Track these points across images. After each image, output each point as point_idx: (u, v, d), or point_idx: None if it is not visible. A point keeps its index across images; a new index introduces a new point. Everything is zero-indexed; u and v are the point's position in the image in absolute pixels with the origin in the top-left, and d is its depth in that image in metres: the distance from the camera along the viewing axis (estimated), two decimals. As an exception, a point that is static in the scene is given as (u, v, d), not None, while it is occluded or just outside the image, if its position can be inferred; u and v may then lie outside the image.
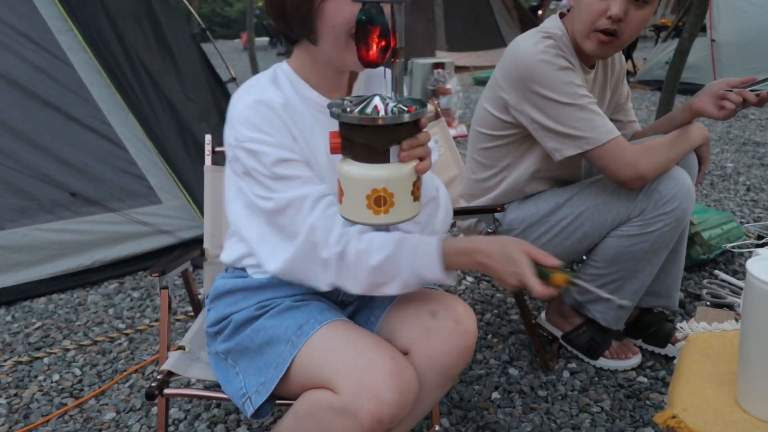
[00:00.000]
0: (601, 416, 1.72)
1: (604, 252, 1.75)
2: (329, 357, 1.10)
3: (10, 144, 2.51)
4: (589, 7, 1.60)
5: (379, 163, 1.00)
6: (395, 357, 1.09)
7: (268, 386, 1.15)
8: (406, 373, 1.08)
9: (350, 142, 1.00)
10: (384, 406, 1.02)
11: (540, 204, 1.81)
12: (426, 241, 1.14)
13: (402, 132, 0.99)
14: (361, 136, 0.98)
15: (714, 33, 6.61)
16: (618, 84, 1.93)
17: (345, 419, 1.04)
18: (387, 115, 0.97)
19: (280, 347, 1.16)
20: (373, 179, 0.99)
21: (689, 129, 1.72)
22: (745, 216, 3.22)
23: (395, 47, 0.98)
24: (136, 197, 2.71)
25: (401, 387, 1.05)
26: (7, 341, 2.21)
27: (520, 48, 1.66)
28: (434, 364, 1.17)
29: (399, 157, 1.00)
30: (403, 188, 1.01)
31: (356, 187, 1.01)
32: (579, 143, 1.62)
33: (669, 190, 1.63)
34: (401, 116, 0.97)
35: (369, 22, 0.95)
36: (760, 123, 5.54)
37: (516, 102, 1.67)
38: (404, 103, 1.01)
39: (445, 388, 1.24)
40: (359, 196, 1.00)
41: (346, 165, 1.01)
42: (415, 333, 1.19)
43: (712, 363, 1.05)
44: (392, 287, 1.15)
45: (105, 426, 1.75)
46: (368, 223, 1.02)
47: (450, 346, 1.16)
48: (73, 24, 2.62)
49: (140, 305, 2.45)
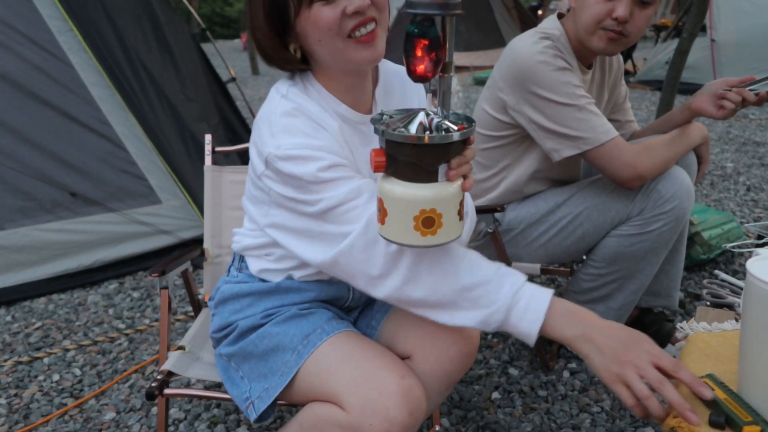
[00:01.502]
0: (601, 416, 1.72)
1: (603, 252, 1.75)
2: (337, 371, 1.07)
3: (10, 144, 2.51)
4: (595, 8, 1.60)
5: (426, 182, 0.95)
6: (405, 376, 1.06)
7: (272, 393, 1.14)
8: (416, 392, 1.05)
9: (396, 160, 0.94)
10: (393, 427, 1.00)
11: (539, 204, 1.81)
12: (537, 289, 1.03)
13: (452, 150, 0.95)
14: (409, 155, 0.93)
15: (714, 33, 6.61)
16: (616, 84, 1.93)
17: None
18: (438, 134, 0.92)
19: (285, 356, 1.14)
20: (421, 200, 0.94)
21: (688, 128, 1.73)
22: (745, 216, 3.22)
23: (446, 61, 0.93)
24: (136, 197, 2.71)
25: (411, 407, 1.02)
26: (7, 341, 2.21)
27: (517, 49, 1.66)
28: (436, 370, 1.15)
29: (447, 175, 0.95)
30: (451, 208, 0.97)
31: (403, 208, 0.95)
32: (577, 143, 1.62)
33: (668, 190, 1.63)
34: (452, 135, 0.92)
35: (420, 35, 0.90)
36: (760, 123, 5.54)
37: (514, 103, 1.68)
38: (451, 119, 0.96)
39: (447, 393, 1.23)
40: (406, 217, 0.95)
41: (390, 184, 0.96)
42: (416, 338, 1.17)
43: (712, 363, 1.05)
44: (465, 317, 1.04)
45: (105, 426, 1.75)
46: (414, 245, 0.97)
47: (453, 352, 1.15)
48: (73, 24, 2.62)
49: (140, 305, 2.45)
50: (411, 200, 0.94)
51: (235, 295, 1.26)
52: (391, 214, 0.96)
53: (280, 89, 1.16)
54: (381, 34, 1.09)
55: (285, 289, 1.23)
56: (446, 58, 0.93)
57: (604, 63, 1.87)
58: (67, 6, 2.62)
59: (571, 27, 1.69)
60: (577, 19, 1.66)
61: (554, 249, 1.82)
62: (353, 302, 1.31)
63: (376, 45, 1.09)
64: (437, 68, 0.92)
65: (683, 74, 4.02)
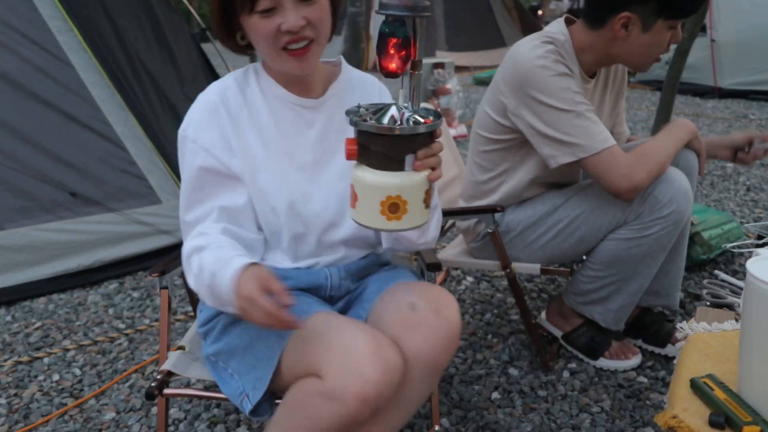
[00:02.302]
0: (601, 416, 1.72)
1: (601, 255, 1.75)
2: (314, 344, 1.11)
3: (10, 144, 2.51)
4: (660, 47, 1.67)
5: (394, 171, 1.03)
6: (376, 337, 1.09)
7: (264, 381, 1.16)
8: (388, 351, 1.07)
9: (367, 150, 1.03)
10: (368, 385, 1.02)
11: (537, 206, 1.81)
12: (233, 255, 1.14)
13: (418, 142, 1.03)
14: (378, 145, 1.02)
15: (714, 33, 6.61)
16: (618, 96, 1.93)
17: (332, 403, 1.04)
18: (405, 126, 1.01)
19: (269, 341, 1.18)
20: (388, 186, 1.03)
21: (675, 128, 1.72)
22: (745, 216, 3.22)
23: (415, 59, 1.02)
24: (136, 197, 2.71)
25: (384, 365, 1.05)
26: (7, 341, 2.21)
27: (519, 52, 1.66)
28: (419, 357, 1.15)
29: (413, 166, 1.04)
30: (416, 196, 1.05)
31: (371, 193, 1.04)
32: (574, 150, 1.61)
33: (665, 194, 1.63)
34: (418, 127, 1.01)
35: (391, 34, 1.00)
36: (760, 123, 5.54)
37: (514, 106, 1.67)
38: (420, 114, 1.04)
39: (434, 380, 1.22)
40: (374, 202, 1.04)
41: (361, 171, 1.05)
42: (397, 327, 1.17)
43: (712, 363, 1.05)
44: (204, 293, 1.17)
45: (105, 426, 1.75)
46: (381, 228, 1.07)
47: (433, 339, 1.15)
48: (73, 24, 2.62)
49: (140, 305, 2.45)
50: (378, 186, 1.03)
51: None
52: (360, 199, 1.06)
53: (232, 73, 1.31)
54: (315, 49, 1.20)
55: None
56: (415, 57, 1.03)
57: (609, 74, 1.86)
58: (67, 6, 2.62)
59: (578, 34, 1.69)
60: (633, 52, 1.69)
61: (552, 251, 1.82)
62: (334, 291, 1.34)
63: (308, 59, 1.19)
64: (406, 65, 1.02)
65: (683, 74, 4.02)
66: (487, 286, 2.51)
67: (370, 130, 1.01)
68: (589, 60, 1.71)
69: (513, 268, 1.83)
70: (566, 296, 1.92)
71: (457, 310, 1.19)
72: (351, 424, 1.06)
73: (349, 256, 1.34)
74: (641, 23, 1.61)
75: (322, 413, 1.06)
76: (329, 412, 1.05)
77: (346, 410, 1.03)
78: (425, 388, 1.22)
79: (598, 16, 1.65)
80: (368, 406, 1.03)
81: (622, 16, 1.60)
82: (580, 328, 1.93)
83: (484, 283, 2.54)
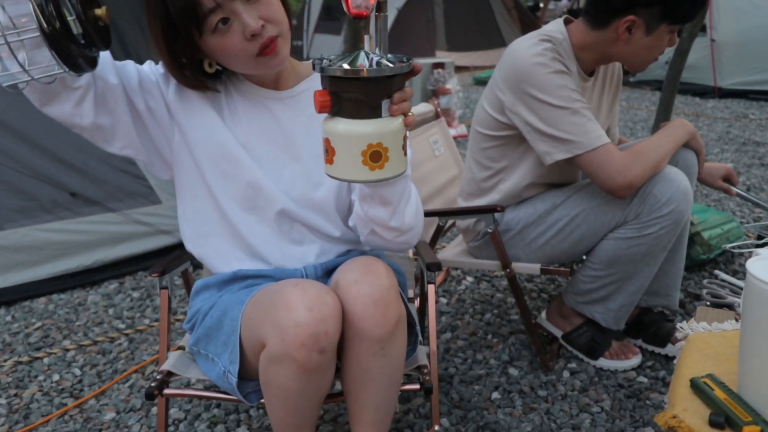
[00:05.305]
0: (601, 416, 1.72)
1: (601, 254, 1.75)
2: (259, 314, 1.12)
3: (10, 144, 2.51)
4: (659, 49, 1.69)
5: (371, 118, 0.98)
6: (300, 284, 1.09)
7: (236, 351, 1.17)
8: (310, 291, 1.07)
9: (339, 98, 0.97)
10: (300, 329, 1.03)
11: (537, 204, 1.82)
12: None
13: (394, 85, 0.98)
14: (354, 91, 0.96)
15: (714, 33, 6.61)
16: (615, 97, 1.94)
17: (283, 364, 1.05)
18: (382, 68, 0.95)
19: (232, 313, 1.20)
20: (369, 134, 0.98)
21: (672, 128, 1.73)
22: (745, 216, 3.22)
23: (380, 0, 0.98)
24: (136, 197, 2.71)
25: (307, 303, 1.04)
26: (7, 341, 2.21)
27: (517, 50, 1.67)
28: (357, 329, 1.12)
29: (390, 110, 0.99)
30: (396, 142, 1.01)
31: (351, 144, 0.98)
32: (569, 147, 1.62)
33: (664, 194, 1.63)
34: (397, 68, 0.96)
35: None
36: (759, 123, 5.54)
37: (511, 103, 1.68)
38: (389, 59, 0.99)
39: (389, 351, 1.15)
40: (354, 152, 0.98)
41: (335, 123, 0.99)
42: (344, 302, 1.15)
43: (712, 363, 1.05)
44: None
45: (105, 426, 1.75)
46: (364, 180, 1.01)
47: (366, 307, 1.11)
48: (73, 24, 2.62)
49: (140, 305, 2.45)
50: (358, 135, 0.98)
51: (204, 286, 1.36)
52: (338, 153, 0.99)
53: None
54: (282, 43, 1.20)
55: (242, 277, 1.31)
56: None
57: (606, 73, 1.86)
58: (67, 6, 2.62)
59: (578, 33, 1.69)
60: (633, 54, 1.70)
61: (552, 251, 1.82)
62: (307, 274, 1.35)
63: (280, 53, 1.20)
64: (371, 7, 0.97)
65: (683, 74, 4.02)
66: (487, 286, 2.51)
67: (345, 75, 0.94)
68: (588, 58, 1.72)
69: (513, 268, 1.83)
70: (566, 296, 1.92)
71: (386, 272, 1.15)
72: (312, 377, 1.06)
73: (326, 251, 1.34)
74: (645, 27, 1.62)
75: (283, 379, 1.07)
76: (287, 375, 1.06)
77: (296, 364, 1.03)
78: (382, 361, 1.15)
79: (601, 17, 1.65)
80: (311, 349, 1.03)
81: (627, 20, 1.61)
82: (580, 328, 1.93)
83: (484, 283, 2.54)
